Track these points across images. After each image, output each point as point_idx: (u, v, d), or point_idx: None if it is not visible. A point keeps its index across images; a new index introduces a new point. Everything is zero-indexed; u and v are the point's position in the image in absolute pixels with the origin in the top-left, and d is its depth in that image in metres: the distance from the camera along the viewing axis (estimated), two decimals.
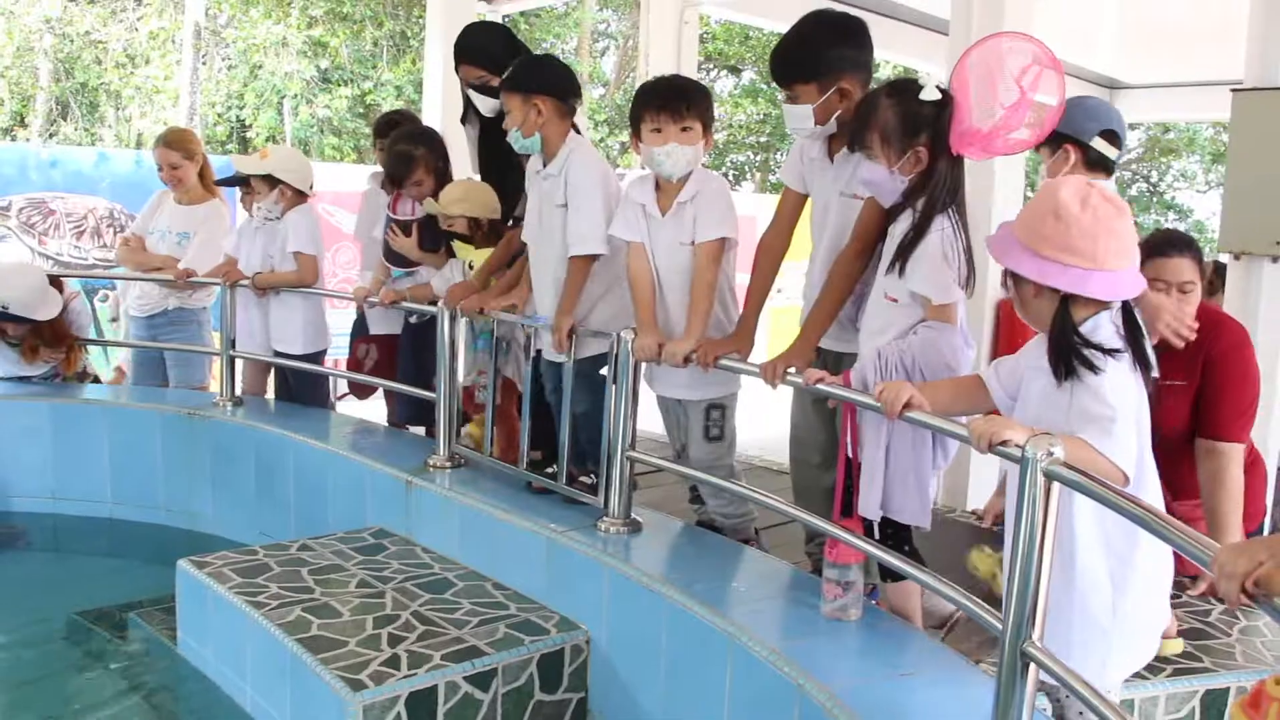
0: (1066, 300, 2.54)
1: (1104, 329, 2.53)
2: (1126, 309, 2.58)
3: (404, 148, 5.00)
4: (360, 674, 3.16)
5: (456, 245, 4.86)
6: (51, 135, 18.40)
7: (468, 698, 3.26)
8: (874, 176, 3.13)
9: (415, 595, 3.79)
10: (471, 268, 4.69)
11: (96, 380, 6.49)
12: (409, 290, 5.02)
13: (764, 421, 4.77)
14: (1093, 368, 2.48)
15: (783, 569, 3.52)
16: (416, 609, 3.67)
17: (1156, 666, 3.05)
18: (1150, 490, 2.58)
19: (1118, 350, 2.50)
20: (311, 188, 5.58)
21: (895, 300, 3.13)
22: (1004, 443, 2.42)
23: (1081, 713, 2.68)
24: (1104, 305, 2.54)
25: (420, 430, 5.43)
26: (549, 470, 4.14)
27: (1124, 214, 2.53)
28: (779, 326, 6.86)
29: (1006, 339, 7.16)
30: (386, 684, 3.12)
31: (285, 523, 5.10)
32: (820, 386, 3.15)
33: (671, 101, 3.62)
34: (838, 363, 3.66)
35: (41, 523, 5.67)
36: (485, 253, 4.68)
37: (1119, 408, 2.45)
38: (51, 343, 5.97)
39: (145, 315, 6.22)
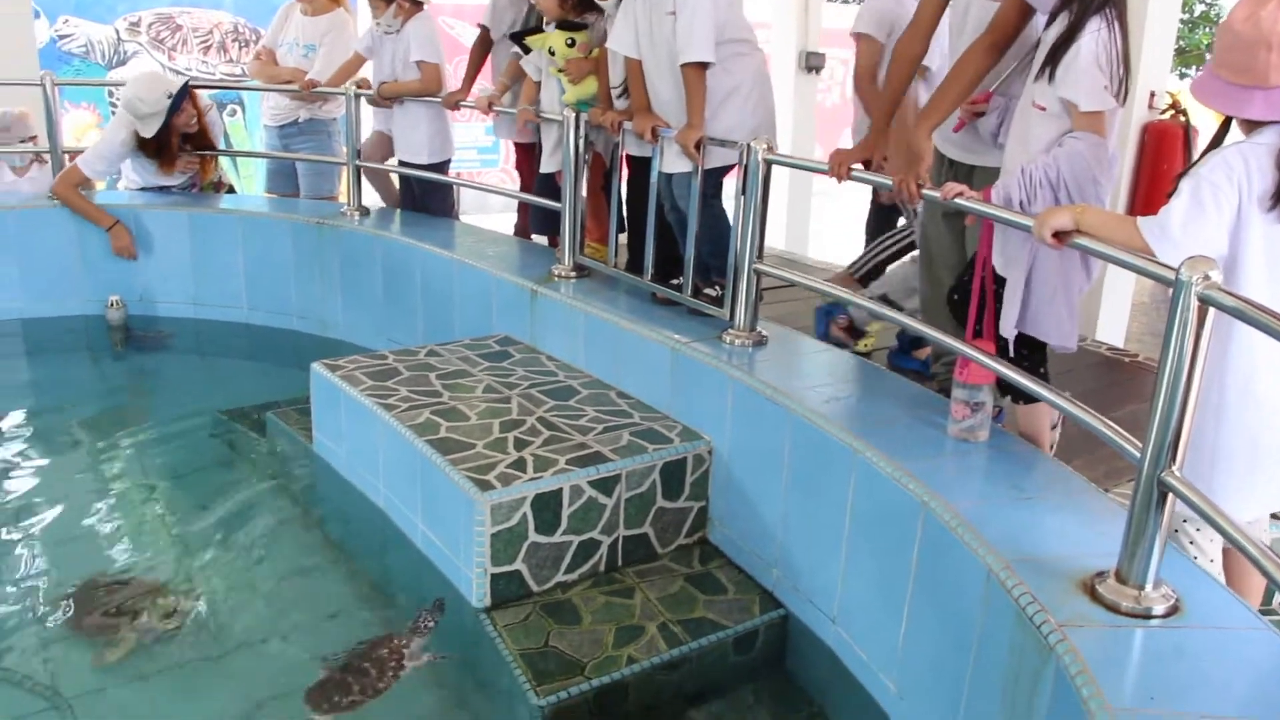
0: (1229, 123, 2.36)
1: (1265, 134, 2.34)
2: None
3: None
4: (488, 475, 3.24)
5: (531, 39, 4.72)
6: None
7: (591, 502, 3.33)
8: None
9: (540, 401, 3.85)
10: (553, 54, 4.57)
11: (231, 190, 6.63)
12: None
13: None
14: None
15: (909, 387, 3.45)
16: (542, 415, 3.73)
17: None
18: None
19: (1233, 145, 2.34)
20: None
21: (1043, 109, 2.95)
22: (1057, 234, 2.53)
23: (1190, 549, 2.62)
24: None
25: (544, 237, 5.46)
26: (674, 282, 4.11)
27: None
28: None
29: (1150, 166, 6.79)
30: (513, 485, 3.20)
31: (412, 329, 5.21)
32: (959, 202, 3.02)
33: None
34: (968, 176, 3.52)
35: (184, 327, 5.93)
36: (559, 36, 4.52)
37: (1194, 193, 2.32)
38: (201, 147, 6.10)
39: (277, 125, 6.32)
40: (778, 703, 3.10)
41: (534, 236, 5.68)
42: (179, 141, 5.97)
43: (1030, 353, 3.10)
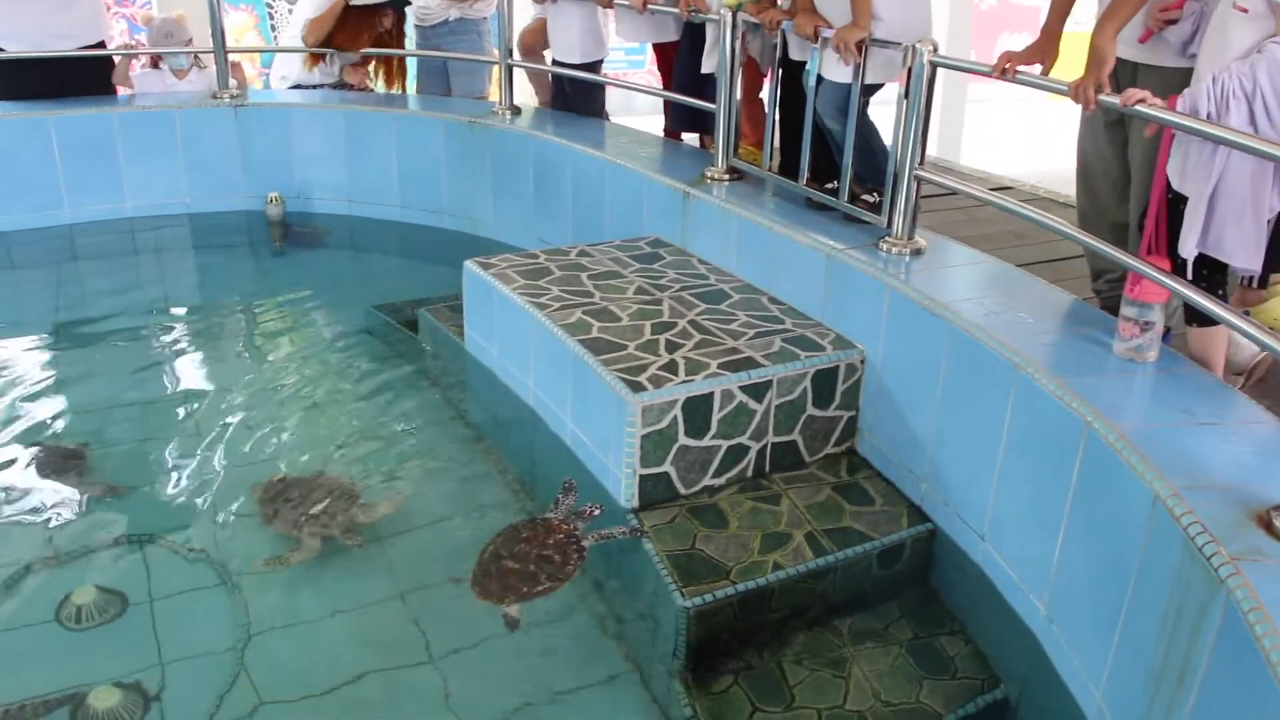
0: None
1: None
2: None
3: None
4: (639, 377, 3.26)
5: None
6: None
7: (742, 407, 3.32)
8: None
9: (692, 304, 3.84)
10: None
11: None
12: None
13: (1044, 152, 4.45)
14: None
15: (1073, 303, 3.31)
16: (693, 318, 3.72)
17: None
18: None
19: None
20: None
21: (1245, 10, 2.76)
22: None
23: None
24: None
25: (694, 138, 5.40)
26: (829, 186, 4.02)
27: None
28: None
29: None
30: (665, 388, 3.20)
31: (562, 229, 5.23)
32: (1141, 109, 2.86)
33: None
34: (1132, 75, 3.33)
35: (339, 224, 6.09)
36: None
37: None
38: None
39: (428, 25, 6.34)
40: (921, 618, 3.08)
41: (683, 136, 5.62)
42: (369, 38, 6.19)
43: (1210, 273, 2.95)
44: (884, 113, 3.88)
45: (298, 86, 6.46)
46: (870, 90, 3.90)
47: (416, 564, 3.19)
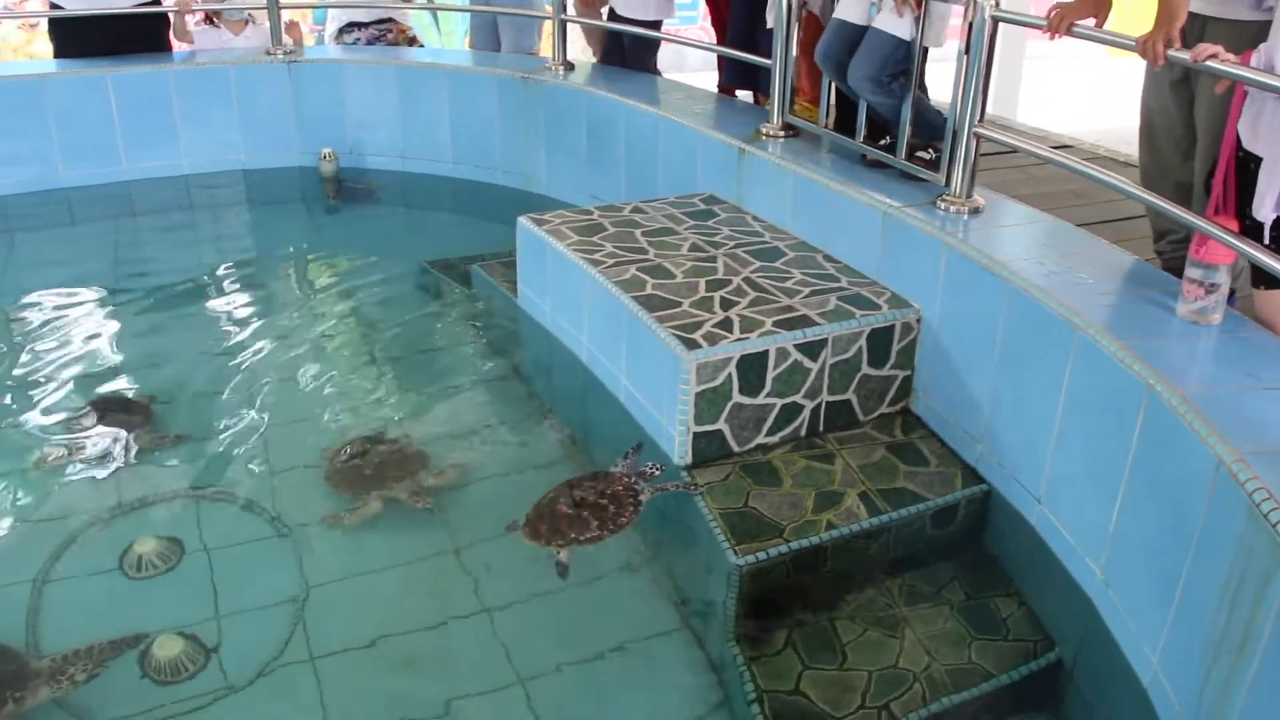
0: None
1: None
2: None
3: None
4: (694, 334, 3.25)
5: None
6: None
7: (797, 365, 3.30)
8: None
9: (746, 262, 3.81)
10: None
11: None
12: None
13: (1103, 109, 4.36)
14: None
15: (1134, 263, 3.25)
16: (748, 275, 3.69)
17: None
18: None
19: None
20: None
21: None
22: None
23: None
24: None
25: (748, 95, 5.36)
26: (884, 143, 3.97)
27: None
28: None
29: None
30: (720, 345, 3.19)
31: (615, 186, 5.22)
32: (1213, 65, 2.78)
33: None
34: (1201, 29, 3.24)
35: (392, 180, 6.11)
36: None
37: None
38: None
39: None
40: (975, 579, 3.05)
41: (737, 93, 5.57)
42: None
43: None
44: (937, 70, 3.82)
45: (349, 25, 6.46)
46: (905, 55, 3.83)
47: (470, 519, 3.21)
